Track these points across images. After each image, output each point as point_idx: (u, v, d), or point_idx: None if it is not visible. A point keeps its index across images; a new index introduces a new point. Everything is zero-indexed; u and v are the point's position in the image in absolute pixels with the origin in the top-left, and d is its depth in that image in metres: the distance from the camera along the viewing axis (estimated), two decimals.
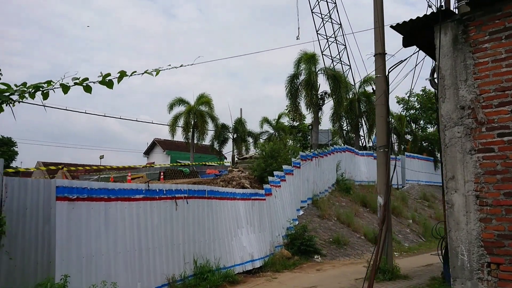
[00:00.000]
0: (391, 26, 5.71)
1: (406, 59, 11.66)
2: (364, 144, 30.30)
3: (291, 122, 38.51)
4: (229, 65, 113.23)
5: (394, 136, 32.59)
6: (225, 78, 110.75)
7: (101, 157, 32.38)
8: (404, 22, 5.41)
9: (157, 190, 9.03)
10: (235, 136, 33.88)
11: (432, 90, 36.27)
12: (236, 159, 24.97)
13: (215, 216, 10.89)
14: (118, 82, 3.72)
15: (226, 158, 37.92)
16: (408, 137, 32.02)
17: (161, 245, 8.94)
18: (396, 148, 32.27)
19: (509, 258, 4.24)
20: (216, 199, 11.00)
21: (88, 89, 3.89)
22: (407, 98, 34.84)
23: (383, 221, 11.40)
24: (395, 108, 36.11)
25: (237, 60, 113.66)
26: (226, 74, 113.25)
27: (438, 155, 32.85)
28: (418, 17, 5.27)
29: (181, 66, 5.06)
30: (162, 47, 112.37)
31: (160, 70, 3.91)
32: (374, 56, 12.07)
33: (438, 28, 4.92)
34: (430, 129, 35.58)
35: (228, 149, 34.92)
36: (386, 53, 11.93)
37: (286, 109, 38.81)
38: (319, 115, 25.14)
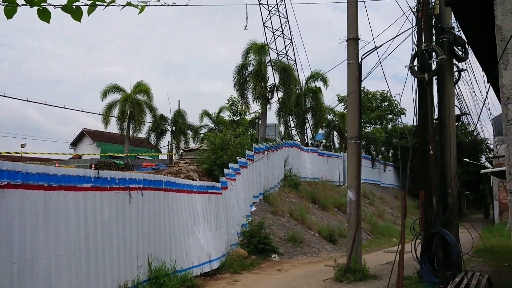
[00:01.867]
0: None
1: (381, 45, 11.06)
2: (306, 141, 29.99)
3: (232, 116, 37.42)
4: (166, 59, 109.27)
5: (336, 134, 32.77)
6: (161, 72, 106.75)
7: (23, 145, 28.89)
8: None
9: (109, 179, 7.43)
10: (174, 128, 32.02)
11: (371, 90, 36.92)
12: (181, 151, 23.30)
13: (172, 210, 9.44)
14: (89, 13, 2.63)
15: (161, 152, 35.90)
16: None
17: (112, 245, 7.36)
18: (337, 145, 32.44)
19: None
20: (173, 191, 9.54)
21: (44, 15, 2.63)
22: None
23: (357, 219, 10.66)
24: (337, 106, 36.34)
25: (175, 54, 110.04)
26: (163, 68, 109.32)
27: (374, 153, 33.55)
28: None
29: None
30: (91, 34, 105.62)
31: (145, 6, 2.83)
32: (346, 41, 11.28)
33: None
34: (368, 128, 36.29)
35: (165, 143, 32.91)
36: (360, 39, 11.20)
37: (227, 103, 37.71)
38: (267, 108, 24.26)
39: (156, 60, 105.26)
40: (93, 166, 24.87)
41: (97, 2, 2.65)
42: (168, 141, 32.99)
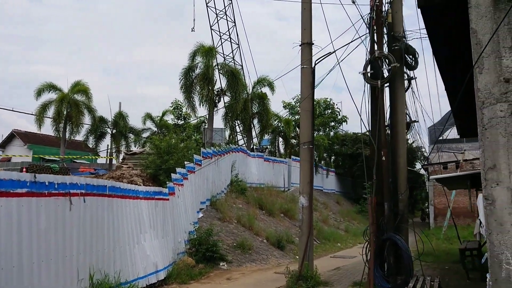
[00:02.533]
0: None
1: (335, 51, 11.08)
2: (252, 146, 29.83)
3: (176, 120, 36.51)
4: (107, 61, 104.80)
5: (281, 139, 32.94)
6: (102, 74, 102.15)
7: None
8: None
9: (47, 183, 6.67)
10: (114, 131, 30.55)
11: (315, 97, 37.73)
12: (123, 154, 22.18)
13: (116, 218, 8.75)
14: None
15: (100, 156, 34.21)
16: (294, 141, 32.51)
17: (49, 257, 6.60)
18: (283, 151, 32.61)
19: None
20: (118, 197, 8.86)
21: None
22: (294, 103, 35.61)
23: (309, 225, 10.52)
24: (283, 112, 36.62)
25: (116, 56, 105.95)
26: (103, 70, 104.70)
27: (317, 159, 34.10)
28: None
29: None
30: (28, 34, 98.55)
31: None
32: (300, 45, 11.21)
33: None
34: None
35: (104, 146, 31.30)
36: (313, 43, 11.16)
37: (171, 107, 36.76)
38: (214, 112, 23.80)
39: (96, 61, 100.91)
40: (24, 169, 22.99)
41: None
42: (108, 145, 31.47)
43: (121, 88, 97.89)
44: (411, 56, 9.98)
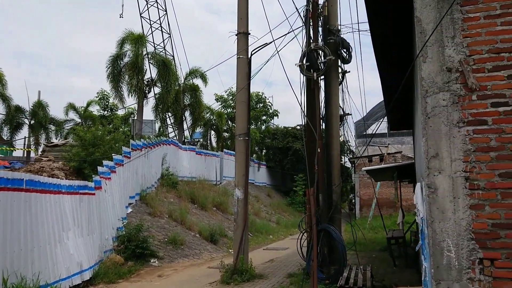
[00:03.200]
0: None
1: (272, 41, 10.97)
2: (183, 139, 29.16)
3: (102, 111, 34.66)
4: (26, 49, 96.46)
5: (213, 133, 32.57)
6: (21, 62, 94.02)
7: None
8: None
9: None
10: (32, 121, 28.30)
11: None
12: (43, 146, 20.49)
13: (35, 215, 7.94)
14: None
15: (15, 148, 31.57)
16: (226, 134, 32.33)
17: None
18: (215, 144, 32.25)
19: (506, 252, 3.54)
20: (36, 192, 8.04)
21: None
22: (226, 96, 35.34)
23: (245, 218, 10.34)
24: (215, 105, 36.21)
25: (30, 41, 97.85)
26: (22, 58, 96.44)
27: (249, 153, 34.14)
28: None
29: None
30: None
31: None
32: (236, 35, 10.95)
33: None
34: None
35: (22, 137, 28.89)
36: (250, 33, 10.97)
37: (96, 97, 34.81)
38: (144, 103, 22.83)
39: (14, 49, 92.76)
40: None
41: None
42: (25, 136, 29.07)
43: (42, 78, 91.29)
44: (345, 50, 10.15)
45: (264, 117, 39.72)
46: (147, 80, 23.17)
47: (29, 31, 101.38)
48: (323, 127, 10.16)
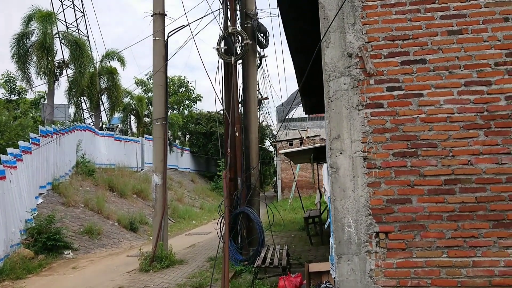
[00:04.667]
0: None
1: (188, 24, 10.76)
2: (100, 125, 27.82)
3: (8, 94, 31.84)
4: None
5: (133, 117, 31.46)
6: None
7: None
8: None
9: None
10: None
11: (169, 75, 36.87)
12: None
13: None
14: None
15: None
16: (147, 120, 31.38)
17: None
18: (135, 129, 31.21)
19: (399, 225, 3.84)
20: None
21: None
22: (146, 80, 34.23)
23: (164, 204, 10.15)
24: (135, 89, 34.91)
25: None
26: None
27: (172, 138, 33.62)
28: None
29: None
30: None
31: None
32: (152, 15, 10.59)
33: None
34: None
35: None
36: (166, 15, 10.64)
37: (1, 79, 31.88)
38: (55, 86, 21.33)
39: None
40: None
41: None
42: None
43: None
44: (262, 35, 10.25)
45: (187, 102, 39.14)
46: (58, 61, 21.63)
47: None
48: (242, 111, 10.23)
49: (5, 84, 31.14)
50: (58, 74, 21.49)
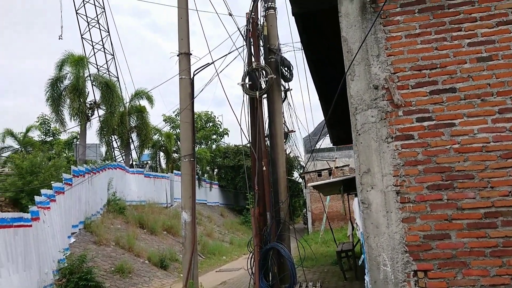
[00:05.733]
0: None
1: (213, 62, 10.95)
2: (131, 162, 28.35)
3: (43, 136, 33.06)
4: None
5: (162, 154, 31.96)
6: None
7: None
8: None
9: None
10: None
11: (196, 111, 37.50)
12: None
13: None
14: None
15: None
16: (176, 155, 31.78)
17: None
18: (164, 166, 31.62)
19: (438, 263, 3.63)
20: None
21: None
22: (174, 117, 34.92)
23: (193, 241, 10.07)
24: (163, 126, 35.58)
25: None
26: None
27: (200, 173, 33.84)
28: None
29: None
30: None
31: None
32: (178, 55, 10.85)
33: None
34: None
35: None
36: (191, 54, 10.90)
37: (37, 121, 33.23)
38: (87, 127, 22.03)
39: None
40: None
41: None
42: None
43: None
44: (286, 68, 10.31)
45: (214, 136, 39.59)
46: (89, 102, 22.43)
47: None
48: (268, 144, 10.19)
49: (40, 126, 32.45)
50: (90, 115, 22.23)
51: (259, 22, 10.34)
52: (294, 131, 11.78)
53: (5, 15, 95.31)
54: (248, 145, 10.80)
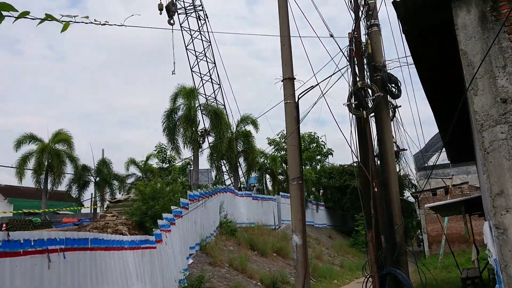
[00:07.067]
0: (393, 3, 4.47)
1: (317, 84, 11.02)
2: (239, 185, 29.38)
3: (160, 163, 36.00)
4: (83, 109, 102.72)
5: (268, 176, 32.60)
6: (79, 122, 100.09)
7: None
8: None
9: (22, 241, 6.19)
10: (98, 179, 29.87)
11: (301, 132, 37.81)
12: (107, 202, 21.49)
13: (100, 273, 8.19)
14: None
15: (83, 206, 33.26)
16: (281, 177, 32.21)
17: None
18: (271, 188, 32.19)
19: None
20: (101, 249, 8.34)
21: None
22: (278, 139, 35.54)
23: (305, 265, 10.04)
24: (268, 149, 36.45)
25: (92, 103, 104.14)
26: (80, 118, 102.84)
27: (306, 194, 33.69)
28: None
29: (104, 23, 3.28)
30: (6, 85, 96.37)
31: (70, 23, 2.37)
32: (282, 81, 11.12)
33: (458, 4, 3.88)
34: None
35: (88, 195, 30.50)
36: (295, 78, 11.10)
37: (155, 150, 36.32)
38: (199, 153, 23.51)
39: (73, 110, 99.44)
40: (4, 225, 22.06)
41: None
42: (92, 193, 30.66)
43: (103, 135, 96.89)
44: (393, 85, 9.95)
45: (318, 157, 39.39)
46: (200, 130, 23.94)
47: (89, 94, 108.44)
48: (378, 164, 9.84)
49: (158, 154, 35.40)
50: (201, 142, 23.69)
51: (362, 41, 10.19)
52: (406, 150, 11.21)
53: (129, 58, 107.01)
54: (354, 164, 10.58)
